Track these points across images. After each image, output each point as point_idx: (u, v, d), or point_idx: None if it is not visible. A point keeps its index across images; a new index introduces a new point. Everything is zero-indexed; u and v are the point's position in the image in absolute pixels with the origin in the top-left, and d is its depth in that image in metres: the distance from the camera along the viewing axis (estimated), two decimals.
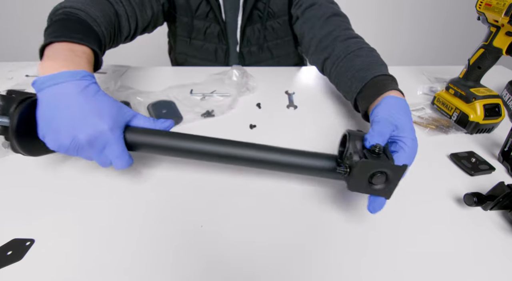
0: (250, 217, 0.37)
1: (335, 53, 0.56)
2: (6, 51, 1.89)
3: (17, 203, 0.39)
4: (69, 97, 0.33)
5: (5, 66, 0.77)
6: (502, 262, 0.33)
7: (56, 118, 0.33)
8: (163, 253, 0.33)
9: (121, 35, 0.57)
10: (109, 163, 0.36)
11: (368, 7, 1.85)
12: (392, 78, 0.48)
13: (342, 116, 0.59)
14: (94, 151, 0.34)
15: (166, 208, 0.38)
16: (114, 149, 0.34)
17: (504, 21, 0.46)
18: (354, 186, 0.32)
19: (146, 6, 0.62)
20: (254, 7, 0.71)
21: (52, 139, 0.33)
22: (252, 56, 0.80)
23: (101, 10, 0.49)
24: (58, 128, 0.33)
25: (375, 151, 0.32)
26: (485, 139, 0.53)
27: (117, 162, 0.35)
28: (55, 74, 0.33)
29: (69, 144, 0.33)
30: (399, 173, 0.31)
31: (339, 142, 0.38)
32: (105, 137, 0.34)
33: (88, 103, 0.34)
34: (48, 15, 0.46)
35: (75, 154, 0.35)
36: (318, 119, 0.58)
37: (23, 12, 1.82)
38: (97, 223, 0.36)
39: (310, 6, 0.66)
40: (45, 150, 0.38)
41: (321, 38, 0.60)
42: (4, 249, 0.32)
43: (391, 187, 0.32)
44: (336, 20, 0.62)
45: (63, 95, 0.33)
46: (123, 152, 0.35)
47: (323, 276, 0.31)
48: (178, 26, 0.77)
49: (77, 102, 0.33)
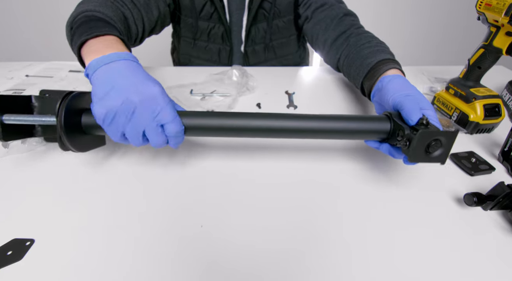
0: (250, 217, 0.37)
1: (348, 48, 0.58)
2: (6, 51, 1.89)
3: (17, 203, 0.38)
4: (121, 70, 0.36)
5: (5, 66, 0.77)
6: (502, 262, 0.33)
7: (110, 88, 0.34)
8: (163, 253, 0.33)
9: (130, 37, 0.58)
10: (162, 133, 0.35)
11: (368, 7, 1.85)
12: (395, 61, 0.49)
13: None
14: (147, 114, 0.34)
15: (166, 208, 0.38)
16: (167, 112, 0.34)
17: (504, 21, 0.46)
18: (414, 157, 0.34)
19: (151, 7, 0.63)
20: (260, 7, 0.71)
21: (103, 105, 0.33)
22: (256, 56, 0.80)
23: (112, 11, 0.51)
24: (111, 93, 0.34)
25: (423, 123, 0.35)
26: (485, 139, 0.53)
27: (172, 127, 0.35)
28: (105, 55, 0.36)
29: (123, 106, 0.33)
30: (452, 138, 0.33)
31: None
32: (159, 101, 0.34)
33: (139, 74, 0.36)
34: (67, 24, 0.49)
35: (126, 123, 0.34)
36: None
37: (23, 12, 1.82)
38: (97, 223, 0.36)
39: (321, 6, 0.67)
40: (93, 144, 0.41)
41: (335, 38, 0.61)
42: (4, 249, 0.32)
43: (445, 152, 0.34)
44: (348, 20, 0.63)
45: (115, 69, 0.35)
46: (177, 117, 0.35)
47: (323, 277, 0.31)
48: (183, 27, 0.78)
49: (129, 73, 0.35)
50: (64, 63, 0.77)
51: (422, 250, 0.34)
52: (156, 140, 0.35)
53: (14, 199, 0.39)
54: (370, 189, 0.42)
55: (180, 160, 0.46)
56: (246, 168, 0.45)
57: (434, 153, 0.34)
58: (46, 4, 1.78)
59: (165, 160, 0.46)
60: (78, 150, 0.38)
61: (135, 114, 0.34)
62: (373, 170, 0.45)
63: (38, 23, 1.83)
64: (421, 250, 0.34)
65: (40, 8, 1.80)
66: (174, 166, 0.45)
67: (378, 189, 0.42)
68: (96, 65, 0.36)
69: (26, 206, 0.38)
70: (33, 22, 1.84)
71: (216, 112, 0.39)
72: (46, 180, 0.42)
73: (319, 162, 0.46)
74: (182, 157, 0.47)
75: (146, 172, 0.44)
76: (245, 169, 0.45)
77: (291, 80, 0.73)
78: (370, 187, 0.42)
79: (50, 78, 0.70)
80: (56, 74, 0.71)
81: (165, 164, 0.46)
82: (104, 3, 0.51)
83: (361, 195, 0.41)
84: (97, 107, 0.34)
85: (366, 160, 0.47)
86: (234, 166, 0.45)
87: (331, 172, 0.45)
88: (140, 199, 0.40)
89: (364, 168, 0.45)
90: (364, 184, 0.43)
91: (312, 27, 0.68)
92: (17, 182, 0.42)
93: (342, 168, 0.45)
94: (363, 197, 0.41)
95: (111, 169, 0.44)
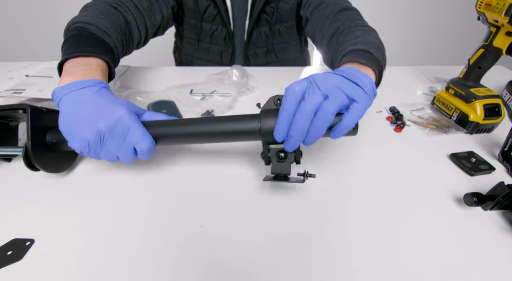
0: (250, 217, 0.37)
1: (337, 47, 0.54)
2: (6, 51, 1.89)
3: (17, 203, 0.39)
4: (84, 99, 0.35)
5: (5, 66, 0.77)
6: (502, 262, 0.33)
7: (74, 119, 0.34)
8: (162, 253, 0.33)
9: (132, 42, 0.58)
10: (133, 152, 0.36)
11: (368, 7, 1.85)
12: (360, 53, 0.43)
13: None
14: (116, 140, 0.34)
15: (166, 208, 0.38)
16: (135, 132, 0.35)
17: (504, 21, 0.46)
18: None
19: (155, 11, 0.62)
20: (262, 11, 0.71)
21: (76, 139, 0.34)
22: (257, 59, 0.80)
23: (111, 21, 0.50)
24: (78, 127, 0.34)
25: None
26: (485, 139, 0.53)
27: (142, 145, 0.35)
28: (70, 83, 0.36)
29: (93, 138, 0.34)
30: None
31: None
32: (124, 123, 0.34)
33: (102, 99, 0.36)
34: (64, 31, 0.49)
35: (99, 151, 0.35)
36: None
37: (23, 13, 1.82)
38: (96, 223, 0.36)
39: (318, 6, 0.65)
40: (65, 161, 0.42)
41: (330, 36, 0.58)
42: (4, 249, 0.32)
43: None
44: (344, 15, 0.59)
45: (79, 98, 0.35)
46: (145, 133, 0.35)
47: (324, 275, 0.31)
48: (186, 28, 0.78)
49: (92, 100, 0.35)
50: None
51: (422, 250, 0.34)
52: (127, 160, 0.36)
53: (14, 199, 0.39)
54: (370, 189, 0.42)
55: (180, 160, 0.46)
56: (247, 167, 0.45)
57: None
58: (46, 4, 1.78)
59: (164, 160, 0.46)
60: (49, 171, 0.39)
61: (107, 143, 0.35)
62: (373, 170, 0.45)
63: (38, 23, 1.83)
64: (421, 250, 0.34)
65: (40, 9, 1.80)
66: (174, 165, 0.45)
67: (378, 189, 0.42)
68: (61, 93, 0.36)
69: (26, 206, 0.38)
70: (33, 23, 1.84)
71: (188, 119, 0.38)
72: (46, 180, 0.42)
73: (320, 163, 0.46)
74: (181, 157, 0.47)
75: (145, 173, 0.44)
76: (246, 169, 0.45)
77: (291, 80, 0.72)
78: (370, 187, 0.42)
79: (50, 78, 0.69)
80: (56, 74, 0.71)
81: (165, 164, 0.46)
82: (105, 11, 0.51)
83: (361, 195, 0.41)
84: (71, 142, 0.35)
85: (364, 160, 0.47)
86: (234, 166, 0.45)
87: (331, 172, 0.45)
88: (140, 199, 0.40)
89: (362, 167, 0.45)
90: (364, 184, 0.43)
91: (311, 27, 0.68)
92: (17, 182, 0.42)
93: (340, 167, 0.45)
94: (363, 197, 0.41)
95: (111, 169, 0.44)
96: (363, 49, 0.44)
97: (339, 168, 0.45)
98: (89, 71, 0.39)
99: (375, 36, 0.50)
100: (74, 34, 0.45)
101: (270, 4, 0.71)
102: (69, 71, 0.39)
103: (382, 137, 0.53)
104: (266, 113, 0.35)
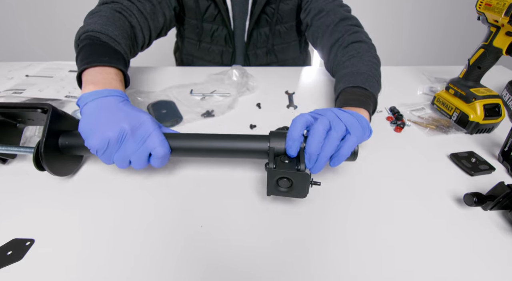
0: (253, 221, 0.37)
1: (337, 60, 0.58)
2: (6, 51, 1.89)
3: (17, 203, 0.39)
4: (111, 105, 0.38)
5: (5, 66, 0.77)
6: (502, 262, 0.33)
7: (98, 120, 0.36)
8: (162, 253, 0.33)
9: (137, 45, 0.59)
10: (147, 158, 0.37)
11: (368, 7, 1.85)
12: (355, 91, 0.48)
13: None
14: (136, 141, 0.35)
15: (166, 209, 0.38)
16: (154, 137, 0.36)
17: (504, 21, 0.46)
18: (269, 190, 0.35)
19: (157, 14, 0.63)
20: (263, 12, 0.72)
21: (96, 137, 0.35)
22: (257, 59, 0.81)
23: (118, 27, 0.51)
24: (101, 126, 0.35)
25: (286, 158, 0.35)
26: (485, 139, 0.53)
27: (159, 151, 0.36)
28: (97, 90, 0.39)
29: (115, 135, 0.34)
30: (301, 178, 0.33)
31: None
32: (147, 127, 0.36)
33: (127, 107, 0.38)
34: (74, 40, 0.50)
35: (114, 152, 0.36)
36: None
37: (23, 13, 1.82)
38: (96, 224, 0.36)
39: (319, 13, 0.66)
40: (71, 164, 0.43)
41: (330, 46, 0.61)
42: (4, 249, 0.32)
43: (302, 189, 0.34)
44: (342, 26, 0.61)
45: (105, 104, 0.38)
46: (164, 141, 0.37)
47: (324, 276, 0.31)
48: (187, 28, 0.78)
49: (118, 107, 0.38)
50: (64, 63, 0.77)
51: (422, 250, 0.34)
52: (139, 165, 0.37)
53: (14, 199, 0.39)
54: (370, 189, 0.42)
55: (179, 160, 0.46)
56: (246, 167, 0.45)
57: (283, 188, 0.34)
58: (46, 4, 1.78)
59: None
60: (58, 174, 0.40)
61: (125, 142, 0.35)
62: (373, 170, 0.45)
63: (38, 23, 1.83)
64: (421, 250, 0.34)
65: (40, 9, 1.80)
66: (174, 165, 0.45)
67: (378, 189, 0.42)
68: (89, 98, 0.38)
69: (26, 206, 0.38)
70: (33, 23, 1.84)
71: (201, 134, 0.40)
72: (46, 180, 0.42)
73: None
74: (184, 160, 0.47)
75: (145, 174, 0.44)
76: (246, 168, 0.45)
77: (291, 80, 0.73)
78: (370, 187, 0.42)
79: (50, 78, 0.70)
80: (56, 74, 0.71)
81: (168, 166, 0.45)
82: (112, 17, 0.52)
83: (361, 195, 0.41)
84: (90, 140, 0.35)
85: (365, 160, 0.47)
86: (234, 167, 0.45)
87: (331, 172, 0.45)
88: (140, 199, 0.40)
89: (363, 168, 0.45)
90: (364, 184, 0.43)
91: (312, 34, 0.69)
92: (17, 182, 0.42)
93: (341, 167, 0.45)
94: (363, 197, 0.41)
95: (111, 172, 0.44)
96: (358, 86, 0.48)
97: (339, 168, 0.45)
98: (110, 81, 0.42)
99: (372, 56, 0.55)
100: (87, 43, 0.47)
101: (270, 5, 0.71)
102: (91, 80, 0.41)
103: (382, 137, 0.53)
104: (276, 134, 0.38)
